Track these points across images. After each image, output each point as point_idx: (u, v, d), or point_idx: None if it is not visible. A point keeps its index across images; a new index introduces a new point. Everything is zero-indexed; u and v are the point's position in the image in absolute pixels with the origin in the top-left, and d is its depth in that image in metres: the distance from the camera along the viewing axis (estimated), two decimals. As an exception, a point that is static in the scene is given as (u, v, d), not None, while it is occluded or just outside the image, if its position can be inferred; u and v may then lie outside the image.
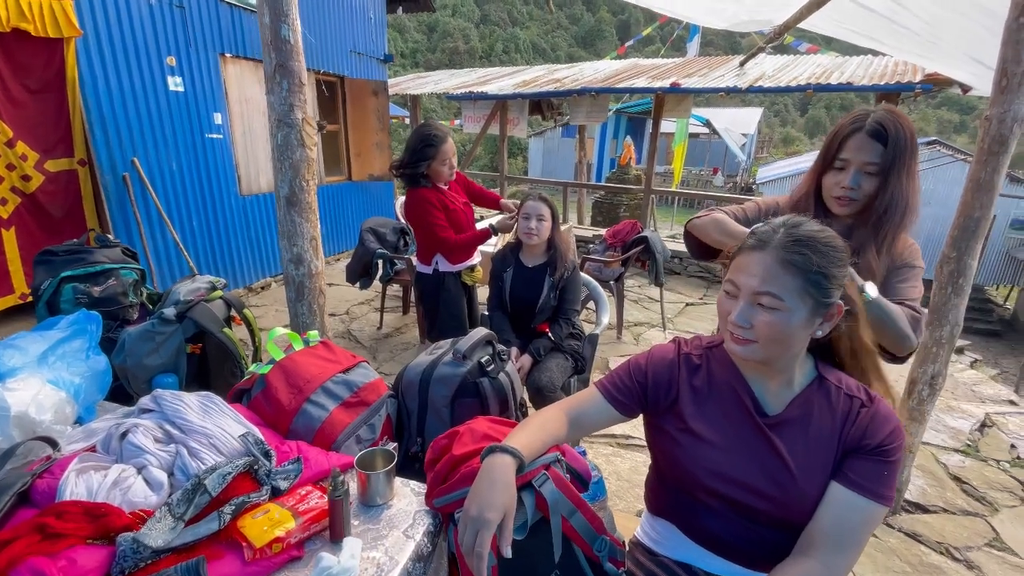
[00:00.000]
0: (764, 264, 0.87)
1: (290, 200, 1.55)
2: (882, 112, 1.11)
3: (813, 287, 0.85)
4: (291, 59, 1.44)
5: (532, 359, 2.14)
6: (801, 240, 0.87)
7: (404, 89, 7.57)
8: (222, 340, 1.56)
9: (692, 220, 1.41)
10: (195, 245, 4.09)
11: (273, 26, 1.41)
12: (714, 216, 1.33)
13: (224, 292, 1.69)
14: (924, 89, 4.08)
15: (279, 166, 1.53)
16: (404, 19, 49.82)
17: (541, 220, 2.17)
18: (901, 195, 1.11)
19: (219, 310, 1.64)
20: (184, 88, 3.86)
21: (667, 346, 1.10)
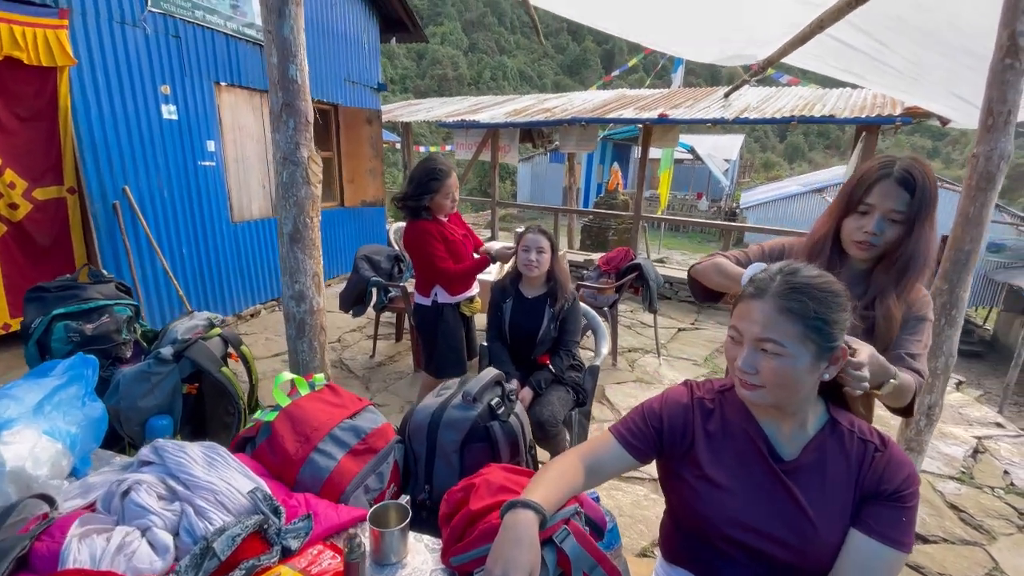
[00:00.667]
0: (763, 311, 0.89)
1: (293, 236, 1.53)
2: (909, 160, 1.13)
3: (814, 333, 0.87)
4: (298, 98, 1.45)
5: (533, 392, 2.12)
6: (797, 287, 0.88)
7: (397, 116, 7.66)
8: (220, 380, 1.51)
9: (694, 265, 1.43)
10: (184, 273, 4.02)
11: (281, 66, 1.42)
12: (714, 260, 1.35)
13: (222, 329, 1.65)
14: (904, 121, 4.24)
15: (283, 203, 1.52)
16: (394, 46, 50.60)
17: (541, 252, 2.18)
18: (924, 245, 1.13)
19: (217, 348, 1.60)
20: (178, 116, 3.86)
21: (680, 390, 1.09)
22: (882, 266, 1.18)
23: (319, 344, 1.67)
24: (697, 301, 1.51)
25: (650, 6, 3.47)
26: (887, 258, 1.17)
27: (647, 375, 3.91)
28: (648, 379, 3.84)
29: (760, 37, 3.78)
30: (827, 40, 3.32)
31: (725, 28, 3.71)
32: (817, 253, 1.24)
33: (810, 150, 58.75)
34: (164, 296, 3.85)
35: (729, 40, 4.05)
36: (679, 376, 3.90)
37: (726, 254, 1.40)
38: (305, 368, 1.66)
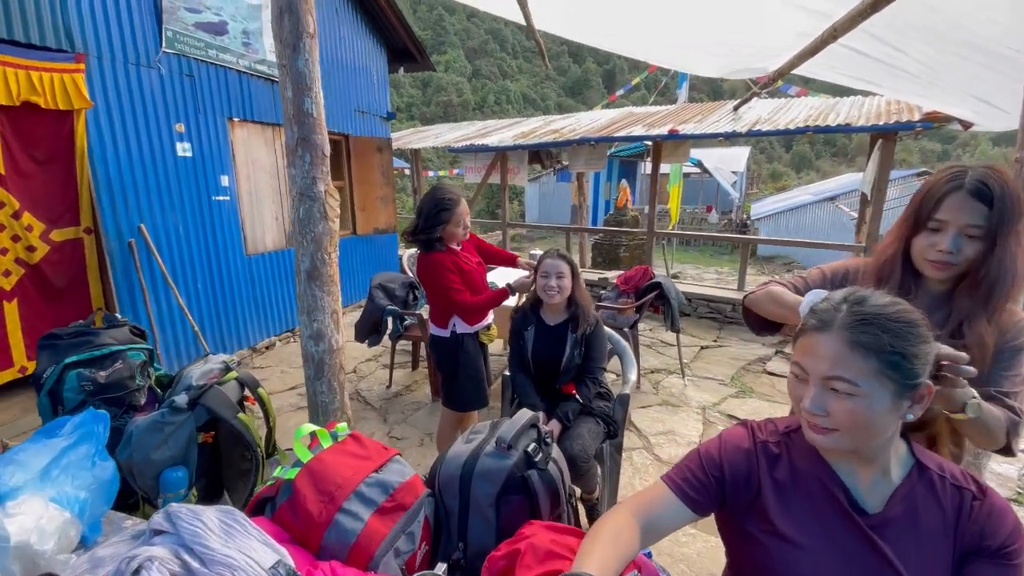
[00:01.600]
0: (830, 346, 0.79)
1: (311, 274, 1.48)
2: (982, 169, 1.02)
3: (891, 368, 0.77)
4: (314, 132, 1.41)
5: (561, 425, 2.02)
6: (867, 318, 0.79)
7: (406, 144, 7.73)
8: (236, 427, 1.44)
9: (748, 296, 1.33)
10: (199, 308, 4.01)
11: (296, 100, 1.38)
12: (768, 289, 1.25)
13: (239, 372, 1.59)
14: (924, 127, 4.14)
15: (300, 240, 1.47)
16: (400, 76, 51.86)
17: (561, 278, 2.11)
18: (1011, 260, 1.01)
19: (233, 392, 1.53)
20: (192, 153, 3.89)
21: (738, 431, 0.99)
22: (965, 286, 1.06)
23: (338, 384, 1.60)
24: (754, 333, 1.40)
25: (654, 23, 3.46)
26: (970, 277, 1.05)
27: (673, 397, 3.77)
28: (674, 401, 3.71)
29: (770, 49, 3.74)
30: (839, 49, 3.26)
31: (732, 42, 3.68)
32: (887, 276, 1.14)
33: (817, 158, 58.58)
34: (180, 333, 3.82)
35: (737, 53, 4.01)
36: (706, 398, 3.76)
37: (782, 280, 1.30)
38: (324, 410, 1.58)
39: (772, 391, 3.94)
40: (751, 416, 3.47)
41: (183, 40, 3.75)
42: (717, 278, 11.92)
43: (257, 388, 1.62)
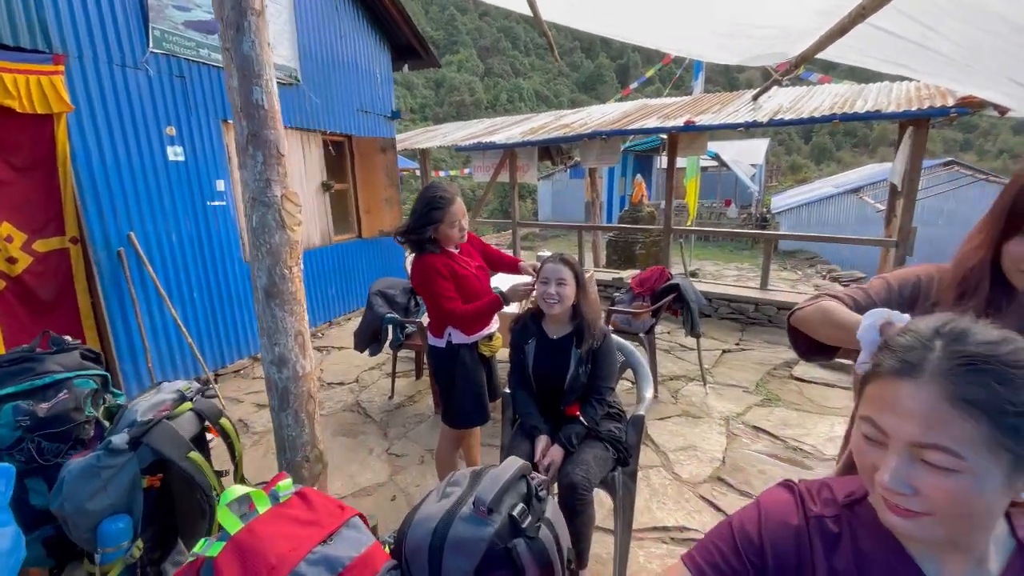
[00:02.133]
0: (922, 401, 0.55)
1: (269, 291, 1.28)
2: None
3: (1010, 436, 0.53)
4: (266, 127, 1.21)
5: (564, 450, 1.79)
6: (976, 362, 0.55)
7: (414, 143, 7.55)
8: (185, 469, 1.25)
9: (795, 312, 1.08)
10: (196, 320, 3.87)
11: (243, 89, 1.18)
12: (820, 305, 1.00)
13: (197, 401, 1.40)
14: (960, 112, 3.80)
15: (255, 252, 1.27)
16: (412, 76, 52.09)
17: (562, 285, 1.87)
18: None
19: (188, 426, 1.34)
20: (184, 157, 3.75)
21: (782, 497, 0.76)
22: None
23: (307, 415, 1.40)
24: (801, 357, 1.14)
25: (667, 8, 3.21)
26: None
27: (693, 407, 3.51)
28: (695, 412, 3.44)
29: (792, 32, 3.46)
30: (868, 30, 2.97)
31: (751, 26, 3.41)
32: (971, 289, 0.89)
33: (838, 150, 57.10)
34: (175, 346, 3.69)
35: (756, 38, 3.72)
36: (729, 407, 3.49)
37: (835, 292, 1.05)
38: (291, 444, 1.38)
39: (800, 399, 3.65)
40: (779, 427, 3.19)
41: (172, 39, 3.60)
42: (737, 275, 11.53)
43: (219, 419, 1.43)
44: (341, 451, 2.95)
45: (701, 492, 2.56)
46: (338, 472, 2.73)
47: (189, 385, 1.46)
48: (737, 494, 2.54)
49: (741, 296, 5.30)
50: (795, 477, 2.60)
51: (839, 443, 3.02)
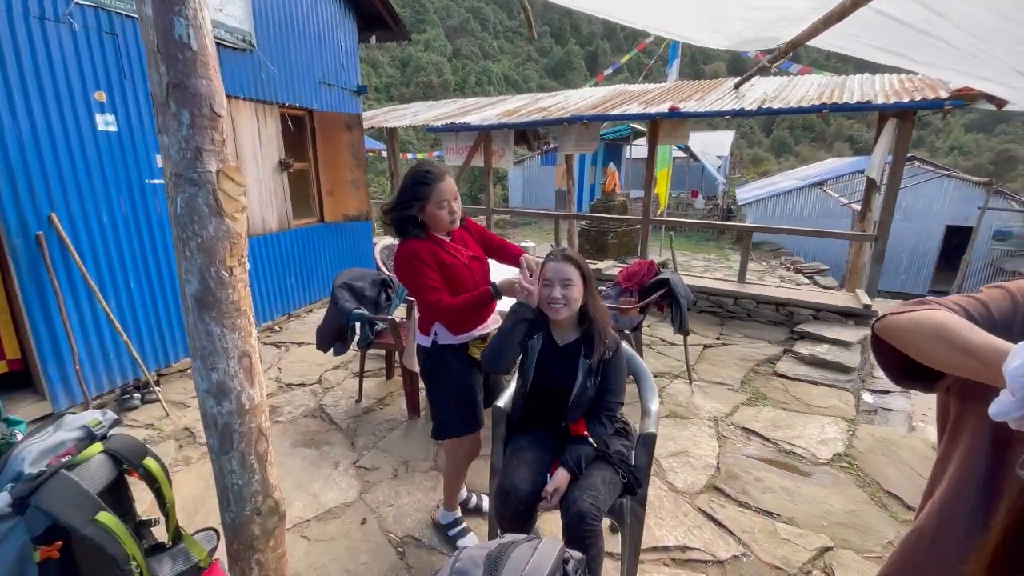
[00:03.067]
0: None
1: (202, 300, 0.96)
2: None
3: None
4: (194, 74, 0.88)
5: (571, 475, 1.56)
6: None
7: (381, 122, 7.10)
8: (91, 537, 0.94)
9: (887, 318, 0.84)
10: (134, 314, 3.42)
11: (160, 20, 0.84)
12: (934, 317, 0.75)
13: (111, 438, 1.07)
14: (955, 105, 3.75)
15: (181, 248, 0.95)
16: (377, 54, 50.24)
17: (568, 286, 1.63)
18: None
19: (98, 474, 1.02)
20: (118, 127, 3.27)
21: None
22: None
23: (256, 458, 1.09)
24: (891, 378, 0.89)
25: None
26: None
27: (680, 407, 3.36)
28: (683, 412, 3.29)
29: (791, 15, 3.29)
30: (868, 14, 2.82)
31: (751, 7, 3.22)
32: None
33: (796, 144, 59.05)
34: (109, 345, 3.24)
35: (754, 20, 3.53)
36: (716, 407, 3.35)
37: (946, 302, 0.82)
38: (237, 495, 1.08)
39: (787, 397, 3.57)
40: (769, 429, 3.07)
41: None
42: (705, 265, 11.62)
43: (143, 459, 1.11)
44: (302, 465, 2.63)
45: (699, 504, 2.39)
46: (299, 491, 2.42)
47: (99, 419, 1.13)
48: (736, 505, 2.39)
49: (719, 289, 5.21)
50: (791, 485, 2.43)
51: (831, 446, 2.93)
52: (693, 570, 2.01)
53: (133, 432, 2.95)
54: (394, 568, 1.98)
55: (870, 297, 4.66)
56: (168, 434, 2.94)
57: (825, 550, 2.12)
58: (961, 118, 54.68)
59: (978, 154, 48.31)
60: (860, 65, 6.43)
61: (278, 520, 1.16)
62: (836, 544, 2.15)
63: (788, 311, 4.83)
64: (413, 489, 2.44)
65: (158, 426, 3.02)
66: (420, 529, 2.18)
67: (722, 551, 2.10)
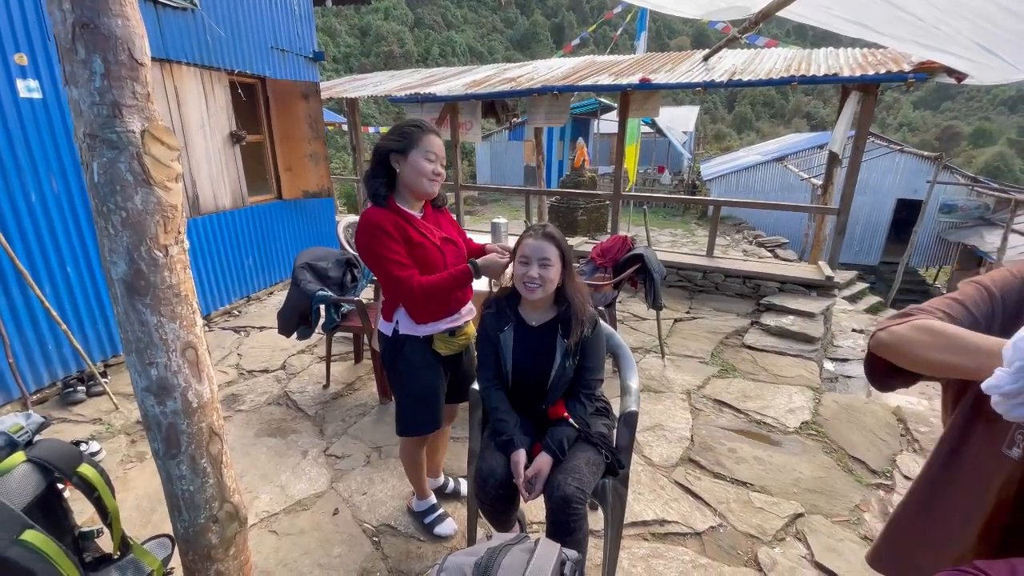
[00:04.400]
0: None
1: (132, 285, 0.82)
2: None
3: None
4: (106, 12, 0.72)
5: (552, 459, 1.51)
6: None
7: (340, 92, 6.74)
8: (15, 560, 0.82)
9: (881, 334, 0.82)
10: (73, 300, 3.15)
11: (63, -54, 0.68)
12: (927, 324, 0.75)
13: (37, 445, 0.93)
14: (917, 78, 3.80)
15: (102, 223, 0.80)
16: (335, 22, 47.80)
17: (546, 265, 1.54)
18: None
19: (23, 487, 0.88)
20: (43, 94, 2.94)
21: None
22: None
23: (210, 460, 0.97)
24: (876, 386, 0.88)
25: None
26: None
27: (654, 381, 3.38)
28: (656, 386, 3.31)
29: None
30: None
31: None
32: None
33: (757, 119, 60.27)
34: (47, 335, 2.97)
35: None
36: (688, 380, 3.39)
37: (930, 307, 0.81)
38: (189, 504, 0.96)
39: (755, 368, 3.64)
40: (740, 400, 3.13)
41: (10, -66, 2.73)
42: (672, 240, 11.77)
43: (77, 466, 0.97)
44: (268, 456, 2.51)
45: (675, 477, 2.41)
46: (265, 484, 2.30)
47: (20, 424, 0.99)
48: (711, 476, 2.43)
49: (689, 264, 5.25)
50: (763, 454, 2.45)
51: (799, 414, 3.01)
52: (672, 543, 2.02)
53: (79, 428, 2.75)
54: (369, 559, 1.91)
55: (832, 269, 4.79)
56: (118, 429, 2.74)
57: (797, 516, 2.17)
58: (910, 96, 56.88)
59: (925, 130, 50.57)
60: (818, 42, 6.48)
61: (238, 526, 1.06)
62: (807, 510, 2.21)
63: (755, 284, 4.91)
64: (387, 476, 2.36)
65: (106, 420, 2.82)
66: (396, 517, 2.11)
67: (699, 523, 2.12)
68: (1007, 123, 51.40)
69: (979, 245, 12.06)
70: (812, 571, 1.90)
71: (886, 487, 2.39)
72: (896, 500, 2.28)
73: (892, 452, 2.65)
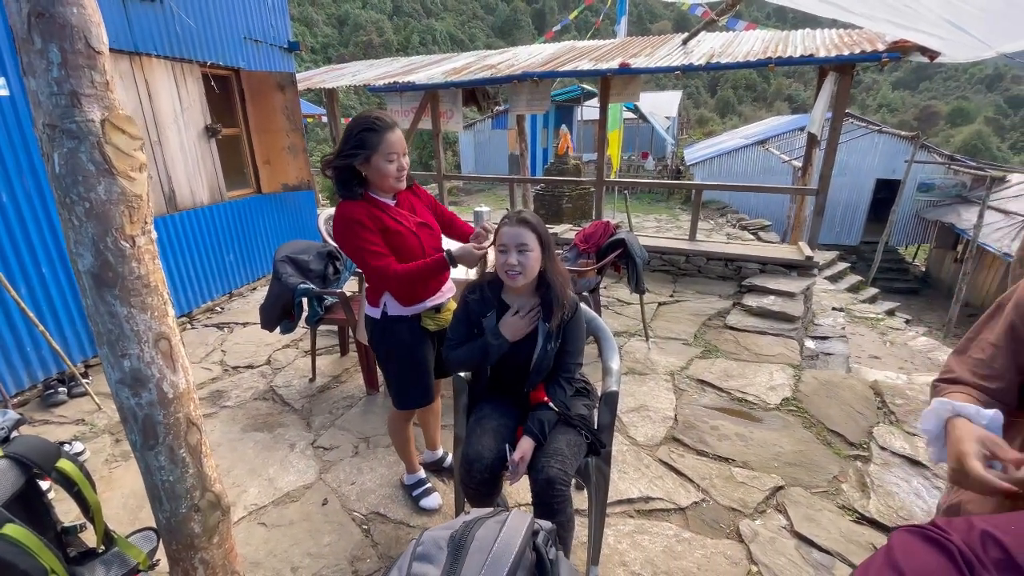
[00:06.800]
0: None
1: (100, 277, 0.82)
2: None
3: None
4: (60, 2, 0.71)
5: (535, 442, 1.53)
6: None
7: (318, 83, 6.63)
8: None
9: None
10: (50, 301, 3.09)
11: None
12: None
13: (14, 440, 0.93)
14: (891, 57, 3.85)
15: (67, 215, 0.80)
16: (312, 12, 46.82)
17: (525, 251, 1.55)
18: None
19: (2, 483, 0.89)
20: (10, 91, 2.86)
21: (934, 563, 0.52)
22: None
23: (188, 450, 0.98)
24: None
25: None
26: None
27: (638, 364, 3.43)
28: (640, 368, 3.36)
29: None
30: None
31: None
32: None
33: (740, 103, 60.47)
34: (25, 337, 2.92)
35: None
36: (672, 361, 3.44)
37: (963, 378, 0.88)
38: (169, 494, 0.97)
39: (737, 348, 3.71)
40: (722, 379, 3.19)
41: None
42: (657, 226, 11.84)
43: (55, 461, 0.97)
44: (255, 450, 2.51)
45: (659, 456, 2.46)
46: (253, 477, 2.31)
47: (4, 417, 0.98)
48: (695, 454, 2.48)
49: (672, 248, 5.30)
50: (745, 431, 2.50)
51: (780, 391, 3.08)
52: (657, 519, 2.07)
53: (61, 429, 2.72)
54: (359, 546, 1.93)
55: (811, 249, 4.87)
56: (102, 429, 2.72)
57: (777, 489, 2.23)
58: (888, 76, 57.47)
59: (904, 110, 51.17)
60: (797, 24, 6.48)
61: (221, 515, 1.06)
62: (787, 483, 2.27)
63: (736, 266, 4.98)
64: (376, 465, 2.38)
65: (89, 421, 2.79)
66: (385, 504, 2.13)
67: (683, 498, 2.17)
68: (984, 101, 52.23)
69: (956, 223, 12.32)
70: (791, 540, 1.96)
71: (863, 458, 2.46)
72: (872, 471, 2.36)
73: (869, 425, 2.73)
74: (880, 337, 6.50)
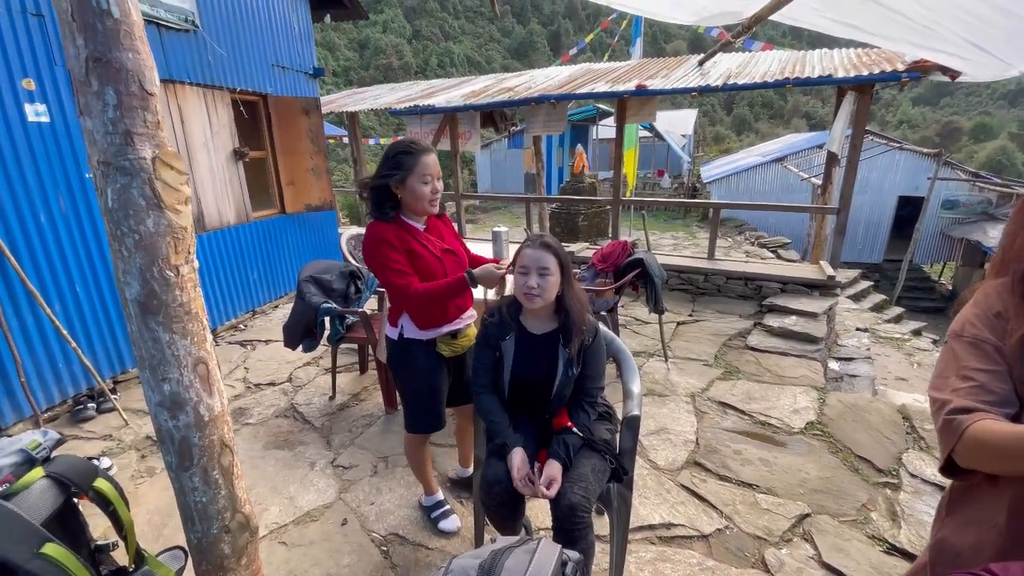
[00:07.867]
0: None
1: (146, 305, 0.86)
2: None
3: None
4: (117, 47, 0.77)
5: (562, 466, 1.52)
6: None
7: (341, 106, 6.83)
8: (36, 573, 0.85)
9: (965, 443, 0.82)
10: (82, 318, 3.19)
11: (76, -15, 0.73)
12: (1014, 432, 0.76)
13: (55, 460, 0.97)
14: (911, 77, 3.83)
15: (117, 246, 0.84)
16: (334, 37, 48.42)
17: (545, 275, 1.56)
18: None
19: (42, 502, 0.92)
20: (50, 117, 3.01)
21: None
22: None
23: (221, 472, 1.00)
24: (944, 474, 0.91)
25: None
26: None
27: (658, 385, 3.39)
28: (660, 390, 3.32)
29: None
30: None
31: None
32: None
33: (756, 121, 60.34)
34: (58, 353, 3.02)
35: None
36: (692, 383, 3.40)
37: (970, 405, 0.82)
38: (202, 515, 1.00)
39: (759, 370, 3.64)
40: (744, 402, 3.13)
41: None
42: (674, 244, 11.79)
43: (93, 481, 1.01)
44: (276, 468, 2.53)
45: (681, 480, 2.42)
46: (274, 496, 2.33)
47: (38, 440, 1.02)
48: (717, 479, 2.43)
49: (690, 267, 5.27)
50: (769, 456, 2.46)
51: (804, 415, 3.01)
52: (679, 546, 2.03)
53: (90, 445, 2.78)
54: (379, 568, 1.92)
55: (833, 268, 4.80)
56: (129, 444, 2.78)
57: (804, 517, 2.17)
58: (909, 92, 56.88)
59: (925, 127, 50.46)
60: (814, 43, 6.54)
61: (249, 536, 1.08)
62: (813, 510, 2.21)
63: (756, 285, 4.92)
64: (395, 485, 2.38)
65: (117, 436, 2.85)
66: (404, 526, 2.12)
67: (706, 525, 2.12)
68: (1007, 117, 51.26)
69: (982, 240, 12.01)
70: (819, 571, 1.90)
71: (892, 486, 2.38)
72: (903, 499, 2.29)
73: (898, 451, 2.65)
74: (907, 358, 6.33)
